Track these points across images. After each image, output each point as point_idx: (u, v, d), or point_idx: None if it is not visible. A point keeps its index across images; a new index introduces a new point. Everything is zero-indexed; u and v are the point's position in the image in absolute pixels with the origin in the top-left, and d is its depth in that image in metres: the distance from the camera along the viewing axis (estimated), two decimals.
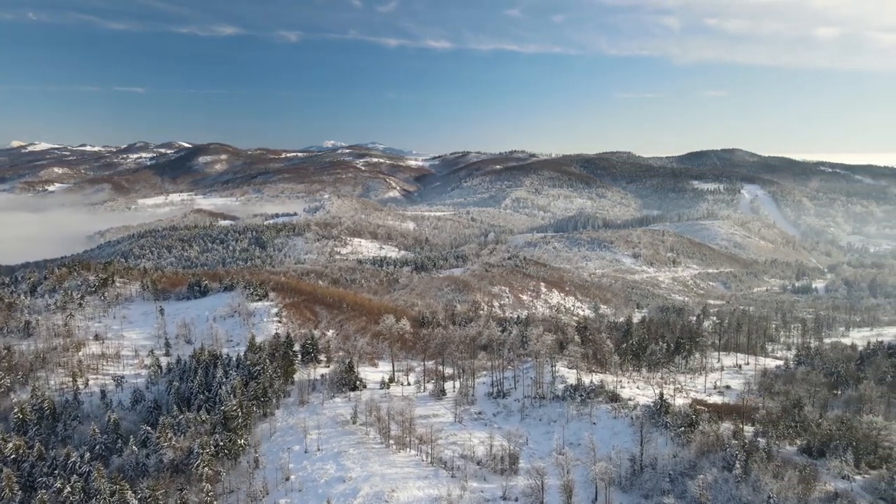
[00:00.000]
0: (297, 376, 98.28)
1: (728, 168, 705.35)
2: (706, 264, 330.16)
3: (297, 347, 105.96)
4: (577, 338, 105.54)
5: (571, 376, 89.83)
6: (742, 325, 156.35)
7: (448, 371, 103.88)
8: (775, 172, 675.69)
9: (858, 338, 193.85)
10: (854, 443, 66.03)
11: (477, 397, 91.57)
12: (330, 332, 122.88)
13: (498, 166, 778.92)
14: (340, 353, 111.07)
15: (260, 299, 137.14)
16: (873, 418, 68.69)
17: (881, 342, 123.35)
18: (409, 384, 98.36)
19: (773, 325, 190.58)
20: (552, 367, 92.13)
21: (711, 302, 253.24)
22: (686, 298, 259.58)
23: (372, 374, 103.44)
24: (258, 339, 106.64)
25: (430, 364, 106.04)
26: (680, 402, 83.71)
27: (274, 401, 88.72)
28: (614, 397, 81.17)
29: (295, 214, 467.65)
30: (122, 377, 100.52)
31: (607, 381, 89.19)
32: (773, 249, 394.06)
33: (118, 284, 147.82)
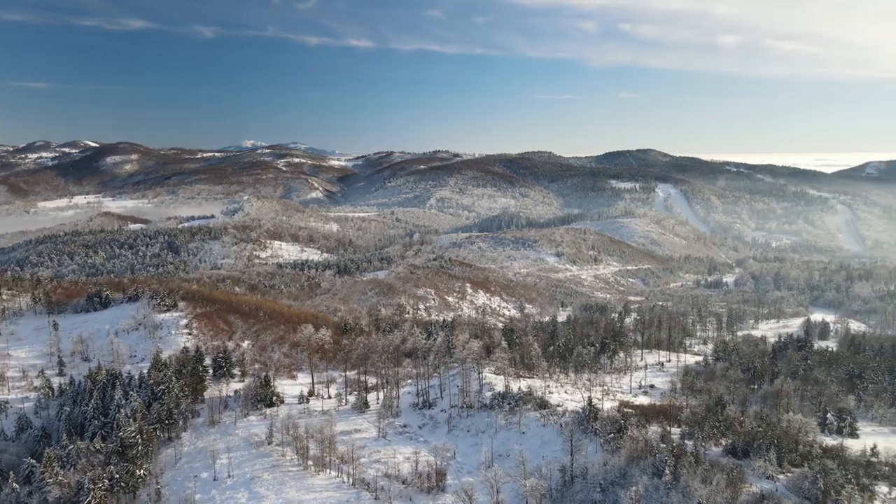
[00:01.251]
0: (207, 393, 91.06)
1: (643, 168, 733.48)
2: (625, 261, 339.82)
3: (208, 361, 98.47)
4: (503, 342, 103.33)
5: (499, 383, 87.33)
6: (662, 322, 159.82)
7: (372, 381, 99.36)
8: (686, 172, 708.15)
9: (766, 329, 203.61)
10: (776, 441, 66.62)
11: (402, 409, 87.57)
12: (245, 344, 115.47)
13: (422, 166, 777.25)
14: (256, 366, 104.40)
15: (168, 310, 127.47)
16: (792, 415, 69.71)
17: (791, 336, 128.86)
18: (329, 397, 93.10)
19: (690, 320, 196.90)
20: (479, 373, 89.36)
21: (631, 298, 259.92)
22: (608, 296, 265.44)
23: (290, 387, 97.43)
24: (165, 354, 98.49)
25: (352, 374, 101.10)
26: (608, 405, 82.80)
27: (181, 423, 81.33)
28: (543, 404, 79.18)
29: (212, 217, 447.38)
30: (6, 402, 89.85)
31: (535, 386, 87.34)
32: (686, 246, 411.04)
33: (5, 297, 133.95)
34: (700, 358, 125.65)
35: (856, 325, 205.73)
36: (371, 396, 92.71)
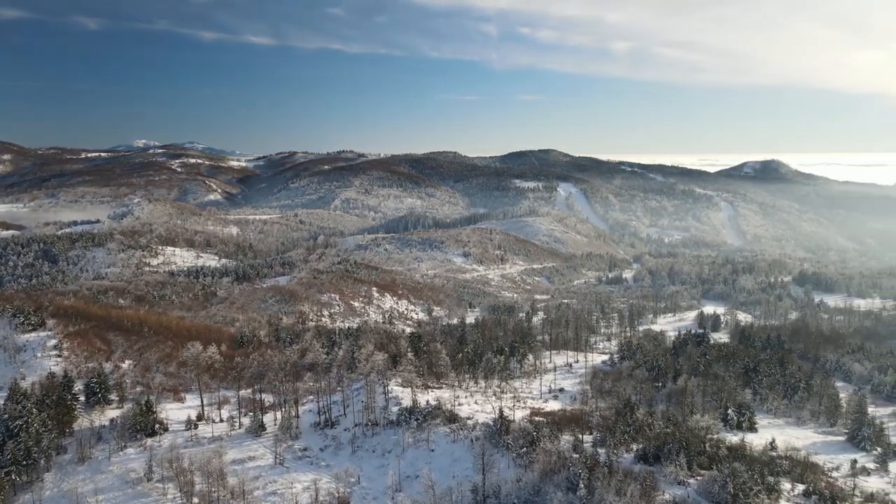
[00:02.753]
0: (77, 425, 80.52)
1: (545, 167, 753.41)
2: (531, 260, 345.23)
3: (79, 387, 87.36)
4: (409, 354, 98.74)
5: (406, 396, 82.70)
6: (569, 322, 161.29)
7: (269, 399, 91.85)
8: (585, 171, 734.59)
9: (665, 323, 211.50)
10: (685, 443, 66.22)
11: (302, 429, 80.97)
12: (126, 364, 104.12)
13: (326, 166, 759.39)
14: (138, 390, 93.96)
15: (34, 329, 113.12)
16: (699, 418, 69.78)
17: (690, 331, 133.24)
18: (221, 421, 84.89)
19: (595, 317, 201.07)
20: (385, 387, 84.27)
21: (538, 297, 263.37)
22: (515, 295, 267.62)
23: (177, 411, 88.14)
24: (28, 382, 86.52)
25: (247, 393, 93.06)
26: (519, 414, 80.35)
27: (42, 462, 70.79)
28: (452, 417, 75.36)
29: (97, 222, 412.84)
30: None
31: (444, 398, 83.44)
32: (587, 243, 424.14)
33: None
34: (606, 357, 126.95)
35: (743, 316, 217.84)
36: (268, 417, 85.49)
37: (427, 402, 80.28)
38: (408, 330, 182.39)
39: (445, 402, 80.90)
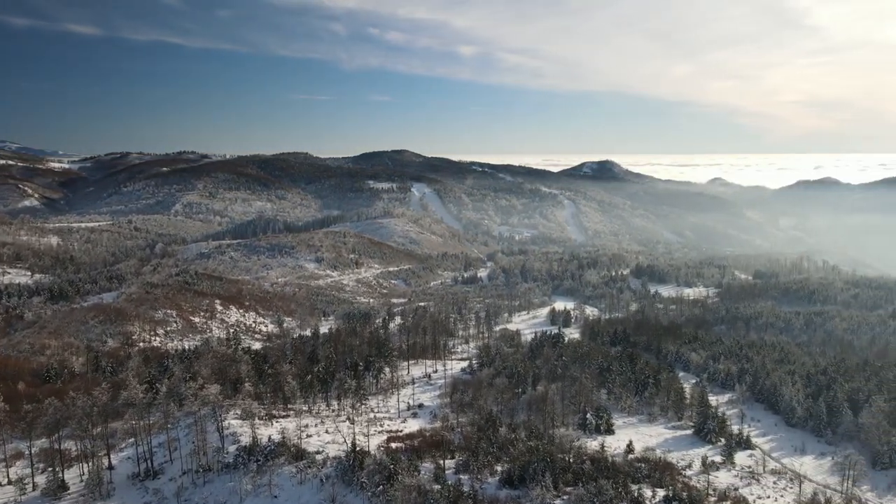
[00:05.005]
0: None
1: (399, 168, 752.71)
2: (387, 263, 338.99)
3: None
4: (247, 385, 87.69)
5: (246, 432, 72.21)
6: (426, 328, 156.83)
7: (75, 449, 76.52)
8: (438, 172, 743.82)
9: (520, 322, 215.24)
10: (549, 460, 62.97)
11: (116, 484, 67.65)
12: None
13: (165, 168, 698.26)
14: None
15: None
16: (563, 431, 67.08)
17: (545, 332, 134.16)
18: (9, 482, 68.88)
19: (452, 319, 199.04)
20: (220, 423, 73.05)
21: (395, 301, 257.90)
22: (371, 300, 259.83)
23: None
24: None
25: (45, 442, 76.87)
26: (376, 441, 73.15)
27: None
28: (299, 454, 66.40)
29: None
30: None
31: (290, 429, 74.05)
32: (443, 243, 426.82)
33: None
34: (466, 364, 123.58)
35: (590, 311, 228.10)
36: (73, 472, 70.90)
37: (270, 437, 70.50)
38: (256, 345, 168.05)
39: (292, 435, 71.59)
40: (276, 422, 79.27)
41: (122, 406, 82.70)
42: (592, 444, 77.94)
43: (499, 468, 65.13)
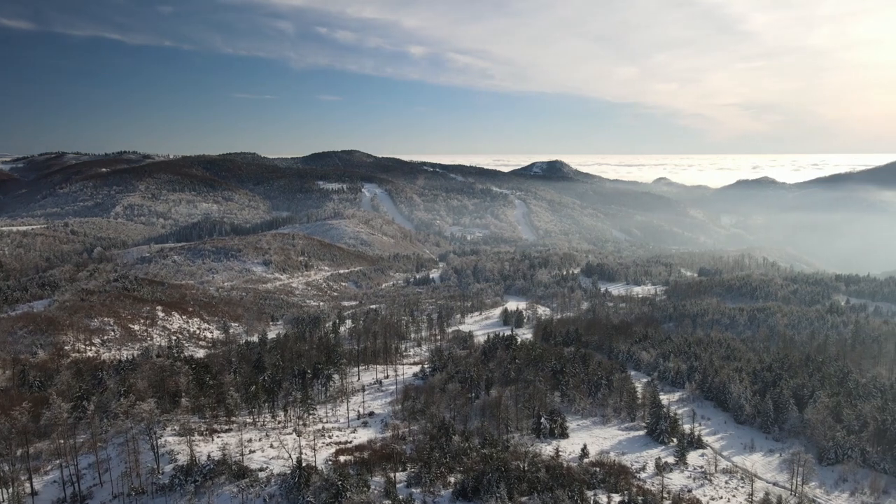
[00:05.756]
0: None
1: (349, 168, 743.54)
2: (337, 265, 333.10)
3: None
4: (184, 399, 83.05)
5: (184, 450, 67.97)
6: (377, 332, 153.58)
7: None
8: (389, 172, 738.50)
9: (472, 322, 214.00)
10: (504, 469, 61.20)
11: None
12: None
13: (105, 169, 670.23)
14: None
15: None
16: (518, 437, 65.46)
17: (498, 333, 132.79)
18: None
19: (404, 321, 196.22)
20: (154, 440, 68.54)
21: (345, 304, 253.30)
22: (321, 303, 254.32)
23: None
24: None
25: None
26: (324, 454, 70.03)
27: None
28: (241, 472, 62.69)
29: None
30: None
31: (232, 444, 70.09)
32: (394, 244, 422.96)
33: None
34: (418, 368, 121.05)
35: (542, 310, 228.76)
36: None
37: (209, 454, 66.49)
38: (200, 353, 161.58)
39: (234, 451, 67.70)
40: (218, 437, 75.17)
41: (47, 426, 77.14)
42: (547, 448, 76.83)
43: (452, 479, 63.04)
